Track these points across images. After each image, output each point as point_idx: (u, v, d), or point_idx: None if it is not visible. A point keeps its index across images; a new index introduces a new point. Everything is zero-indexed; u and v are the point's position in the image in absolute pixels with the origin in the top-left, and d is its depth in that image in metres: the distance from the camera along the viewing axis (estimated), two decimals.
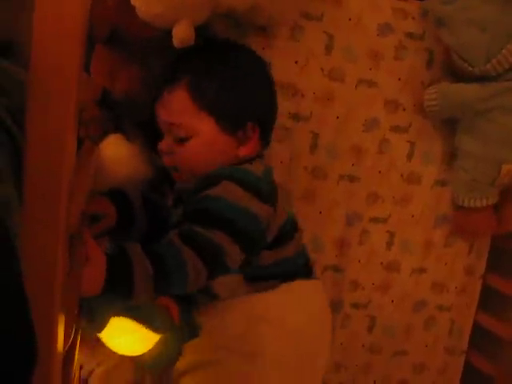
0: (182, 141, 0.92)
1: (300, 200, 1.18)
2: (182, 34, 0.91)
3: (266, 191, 0.89)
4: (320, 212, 1.20)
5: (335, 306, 1.23)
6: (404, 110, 1.19)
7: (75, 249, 0.64)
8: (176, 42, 0.91)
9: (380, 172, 1.21)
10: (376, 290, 1.24)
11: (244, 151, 0.93)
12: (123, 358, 0.98)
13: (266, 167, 0.95)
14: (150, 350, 0.92)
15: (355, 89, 1.16)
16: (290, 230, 0.96)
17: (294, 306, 0.94)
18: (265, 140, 0.99)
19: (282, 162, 1.16)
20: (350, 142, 1.19)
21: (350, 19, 1.13)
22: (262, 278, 0.92)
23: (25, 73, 0.58)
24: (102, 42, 0.96)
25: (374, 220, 1.23)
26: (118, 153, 1.00)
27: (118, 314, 0.89)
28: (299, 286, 0.95)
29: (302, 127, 1.15)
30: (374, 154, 1.20)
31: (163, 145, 0.94)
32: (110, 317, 0.88)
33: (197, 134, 0.91)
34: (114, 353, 0.93)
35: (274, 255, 0.92)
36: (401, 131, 1.20)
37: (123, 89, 0.99)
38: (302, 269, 0.97)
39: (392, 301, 1.26)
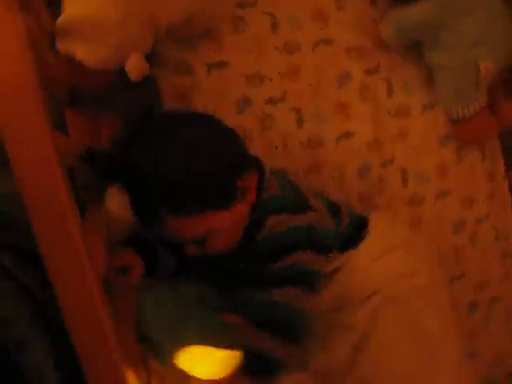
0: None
1: (307, 172, 1.20)
2: (135, 68, 0.94)
3: None
4: (333, 177, 1.21)
5: None
6: (368, 52, 1.21)
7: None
8: (132, 77, 0.94)
9: (372, 118, 1.22)
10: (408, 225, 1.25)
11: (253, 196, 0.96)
12: None
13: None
14: None
15: (314, 52, 1.18)
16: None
17: None
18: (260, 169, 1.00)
19: (277, 148, 1.18)
20: (331, 103, 1.20)
21: None
22: None
23: None
24: (68, 104, 0.99)
25: (383, 164, 1.24)
26: (124, 200, 1.03)
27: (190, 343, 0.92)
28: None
29: (282, 108, 1.17)
30: (358, 105, 1.21)
31: (192, 251, 0.95)
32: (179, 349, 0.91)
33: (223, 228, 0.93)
34: None
35: None
36: (373, 73, 1.21)
37: (107, 138, 1.02)
38: None
39: (429, 232, 1.27)
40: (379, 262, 1.02)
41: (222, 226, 0.92)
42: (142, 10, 0.94)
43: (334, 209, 1.05)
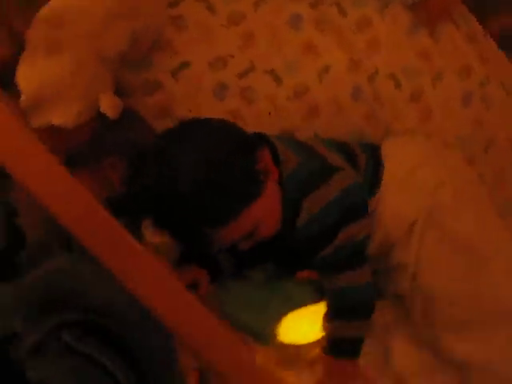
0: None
1: (308, 120, 1.21)
2: (109, 107, 0.96)
3: None
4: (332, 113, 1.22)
5: None
6: None
7: None
8: (111, 116, 0.96)
9: (338, 43, 1.23)
10: (419, 122, 1.26)
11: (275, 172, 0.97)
12: None
13: None
14: None
15: (257, 12, 1.19)
16: None
17: None
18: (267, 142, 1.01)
19: (270, 114, 1.20)
20: (296, 49, 1.21)
21: None
22: None
23: None
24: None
25: (370, 79, 1.24)
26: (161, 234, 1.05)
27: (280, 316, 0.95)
28: None
29: (256, 76, 1.19)
30: (320, 38, 1.22)
31: (245, 246, 0.97)
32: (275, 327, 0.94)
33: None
34: None
35: None
36: (319, 4, 1.22)
37: (117, 181, 1.04)
38: None
39: (442, 118, 1.28)
40: (405, 192, 1.03)
41: (262, 213, 0.94)
42: (88, 51, 0.95)
43: (345, 150, 1.07)
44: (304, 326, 0.97)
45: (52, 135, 0.94)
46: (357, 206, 0.97)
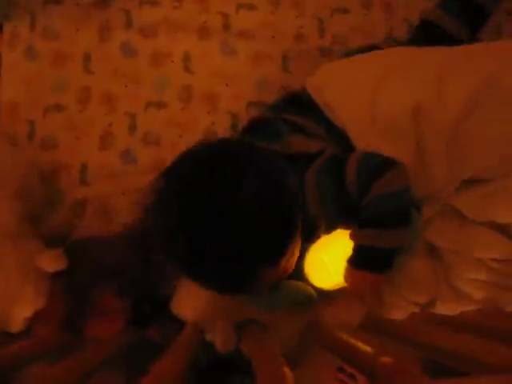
0: None
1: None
2: (51, 265, 0.92)
3: None
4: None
5: None
6: None
7: None
8: (59, 267, 0.92)
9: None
10: None
11: None
12: None
13: None
14: None
15: None
16: None
17: None
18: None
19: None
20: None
21: None
22: None
23: None
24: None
25: None
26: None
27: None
28: None
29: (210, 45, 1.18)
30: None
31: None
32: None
33: None
34: None
35: None
36: None
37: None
38: None
39: None
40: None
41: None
42: None
43: None
44: (326, 260, 0.92)
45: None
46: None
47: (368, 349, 0.59)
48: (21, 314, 0.91)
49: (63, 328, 0.93)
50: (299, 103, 0.99)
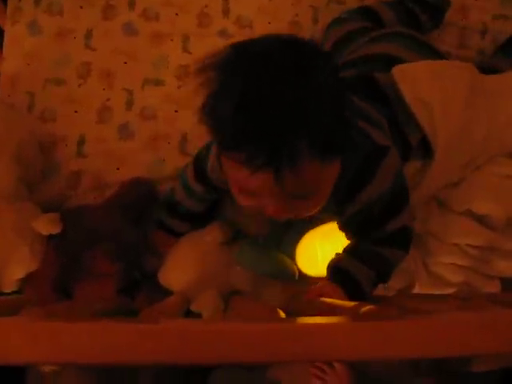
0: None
1: None
2: (47, 228, 0.94)
3: None
4: None
5: None
6: None
7: None
8: (54, 231, 0.94)
9: None
10: None
11: None
12: None
13: None
14: None
15: None
16: None
17: None
18: None
19: None
20: None
21: None
22: None
23: None
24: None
25: None
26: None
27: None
28: None
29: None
30: None
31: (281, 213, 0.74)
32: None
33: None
34: None
35: None
36: None
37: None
38: None
39: None
40: None
41: (324, 183, 0.78)
42: None
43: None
44: (318, 250, 0.97)
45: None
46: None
47: (351, 303, 0.63)
48: (14, 275, 0.94)
49: (54, 290, 0.96)
50: (373, 88, 0.94)
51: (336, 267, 0.91)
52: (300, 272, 1.03)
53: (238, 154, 0.65)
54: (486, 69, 1.08)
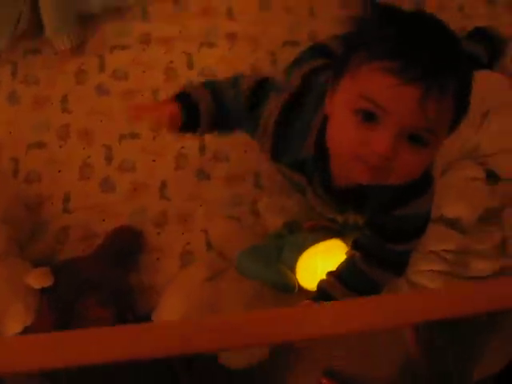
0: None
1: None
2: (39, 281, 0.97)
3: None
4: None
5: None
6: None
7: None
8: (46, 284, 0.97)
9: None
10: None
11: None
12: None
13: None
14: None
15: None
16: None
17: None
18: None
19: None
20: None
21: None
22: None
23: None
24: None
25: None
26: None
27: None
28: None
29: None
30: None
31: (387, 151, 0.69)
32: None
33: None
34: None
35: None
36: None
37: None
38: None
39: None
40: None
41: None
42: None
43: None
44: (319, 265, 0.99)
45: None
46: None
47: None
48: (11, 330, 0.97)
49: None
50: None
51: (322, 289, 0.97)
52: (299, 285, 1.06)
53: (391, 62, 0.65)
54: None
